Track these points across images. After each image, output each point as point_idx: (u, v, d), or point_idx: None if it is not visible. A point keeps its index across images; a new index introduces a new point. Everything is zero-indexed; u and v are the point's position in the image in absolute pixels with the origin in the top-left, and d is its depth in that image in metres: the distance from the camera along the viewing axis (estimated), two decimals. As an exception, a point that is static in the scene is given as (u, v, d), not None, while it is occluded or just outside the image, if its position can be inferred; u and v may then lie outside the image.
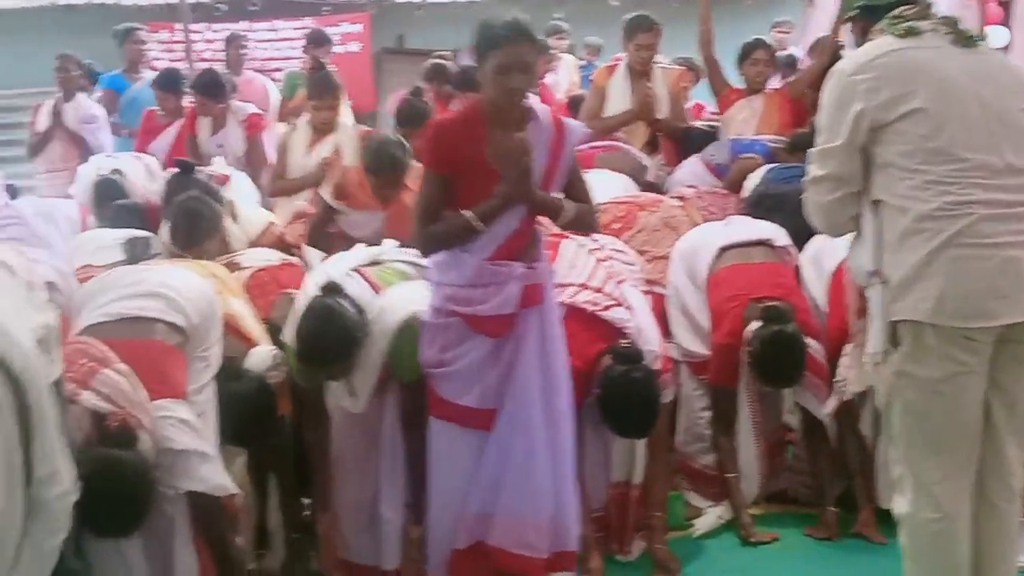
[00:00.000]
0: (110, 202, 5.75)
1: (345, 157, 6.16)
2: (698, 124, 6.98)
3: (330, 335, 3.67)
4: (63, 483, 2.79)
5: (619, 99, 6.76)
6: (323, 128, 6.35)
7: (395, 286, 3.93)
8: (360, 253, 4.19)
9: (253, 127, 7.13)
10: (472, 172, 3.53)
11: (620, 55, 6.91)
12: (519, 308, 3.61)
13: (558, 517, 3.71)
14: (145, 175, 6.32)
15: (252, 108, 7.30)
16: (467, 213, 3.54)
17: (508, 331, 3.63)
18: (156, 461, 3.29)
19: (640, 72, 6.72)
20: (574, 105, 7.36)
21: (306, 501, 4.27)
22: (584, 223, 3.84)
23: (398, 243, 4.30)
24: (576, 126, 3.76)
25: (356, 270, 3.97)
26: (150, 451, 3.26)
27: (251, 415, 3.78)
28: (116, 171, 6.13)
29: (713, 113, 7.26)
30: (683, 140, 6.74)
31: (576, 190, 3.75)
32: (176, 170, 5.52)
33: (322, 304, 3.71)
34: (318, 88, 6.37)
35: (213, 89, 6.96)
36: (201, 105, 6.98)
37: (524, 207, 3.59)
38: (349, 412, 3.92)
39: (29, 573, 2.74)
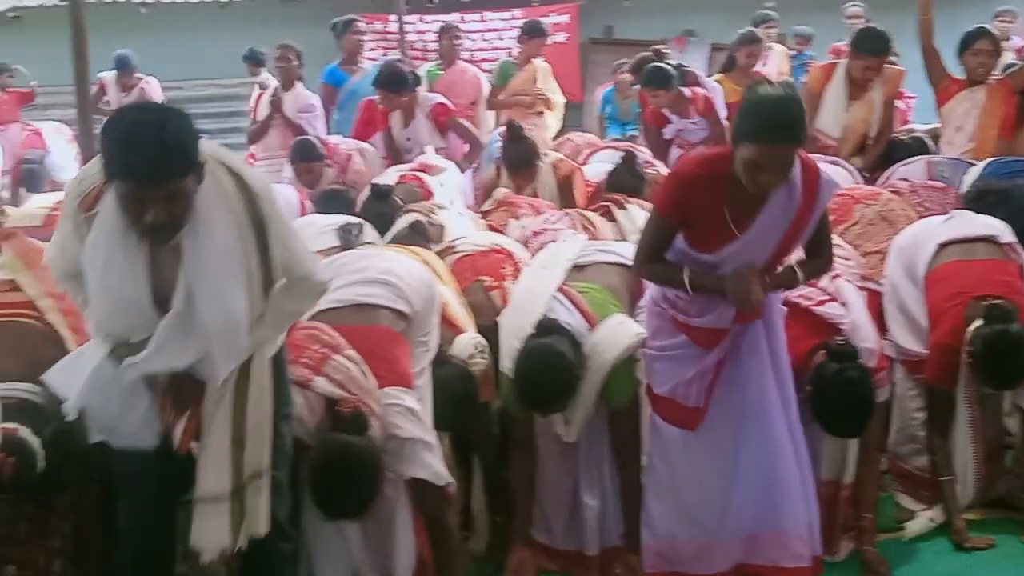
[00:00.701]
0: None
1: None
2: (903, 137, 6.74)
3: (551, 380, 3.68)
4: (309, 271, 3.11)
5: (834, 110, 6.56)
6: None
7: (608, 320, 3.90)
8: (567, 250, 4.20)
9: (439, 116, 7.26)
10: (707, 219, 3.50)
11: (838, 45, 6.73)
12: (733, 324, 3.61)
13: (812, 522, 3.74)
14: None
15: (438, 98, 7.44)
16: (685, 276, 3.54)
17: (718, 344, 3.63)
18: (383, 447, 3.40)
19: (861, 83, 6.48)
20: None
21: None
22: (814, 276, 3.82)
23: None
24: (830, 183, 3.60)
25: (563, 290, 3.97)
26: (379, 437, 3.38)
27: (455, 401, 3.85)
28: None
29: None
30: (889, 154, 6.47)
31: (817, 243, 3.67)
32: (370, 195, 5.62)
33: (541, 348, 3.71)
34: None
35: (394, 82, 7.08)
36: (385, 99, 7.13)
37: None
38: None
39: (268, 328, 3.04)
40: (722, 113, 7.28)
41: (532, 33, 8.98)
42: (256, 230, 2.92)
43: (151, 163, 2.66)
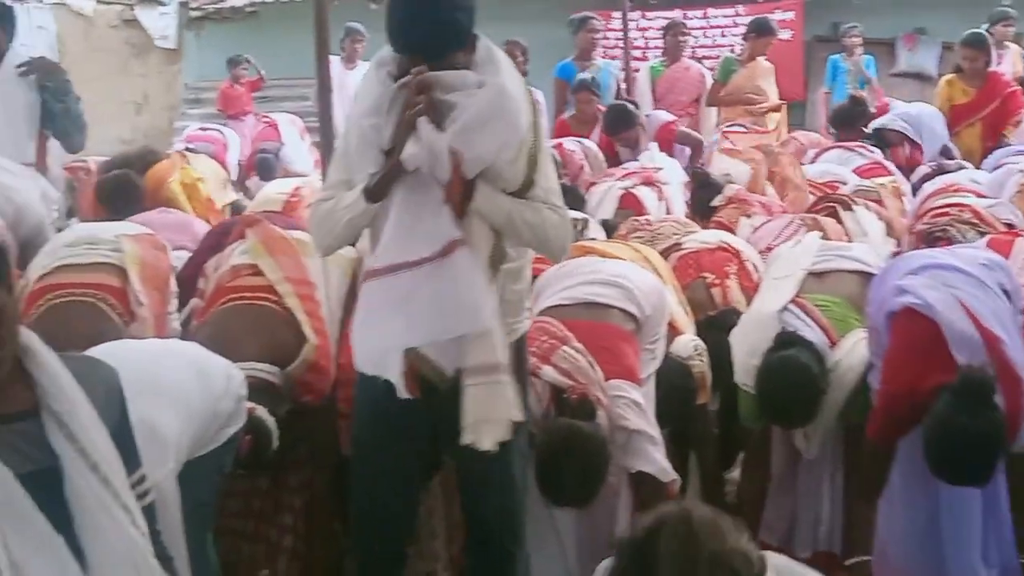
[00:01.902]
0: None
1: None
2: None
3: (796, 394, 3.61)
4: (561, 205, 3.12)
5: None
6: None
7: (850, 336, 3.76)
8: (802, 258, 4.08)
9: (666, 138, 7.28)
10: None
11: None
12: None
13: None
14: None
15: (661, 118, 7.43)
16: None
17: None
18: (610, 438, 3.40)
19: None
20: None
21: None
22: None
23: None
24: None
25: (799, 303, 3.84)
26: (606, 427, 3.38)
27: (674, 395, 3.85)
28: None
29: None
30: None
31: None
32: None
33: (785, 360, 3.63)
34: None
35: (620, 124, 7.26)
36: (616, 141, 7.30)
37: None
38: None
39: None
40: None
41: (761, 31, 8.81)
42: (535, 132, 3.01)
43: (427, 39, 2.89)
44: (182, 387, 2.84)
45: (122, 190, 5.46)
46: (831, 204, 5.32)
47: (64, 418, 1.86)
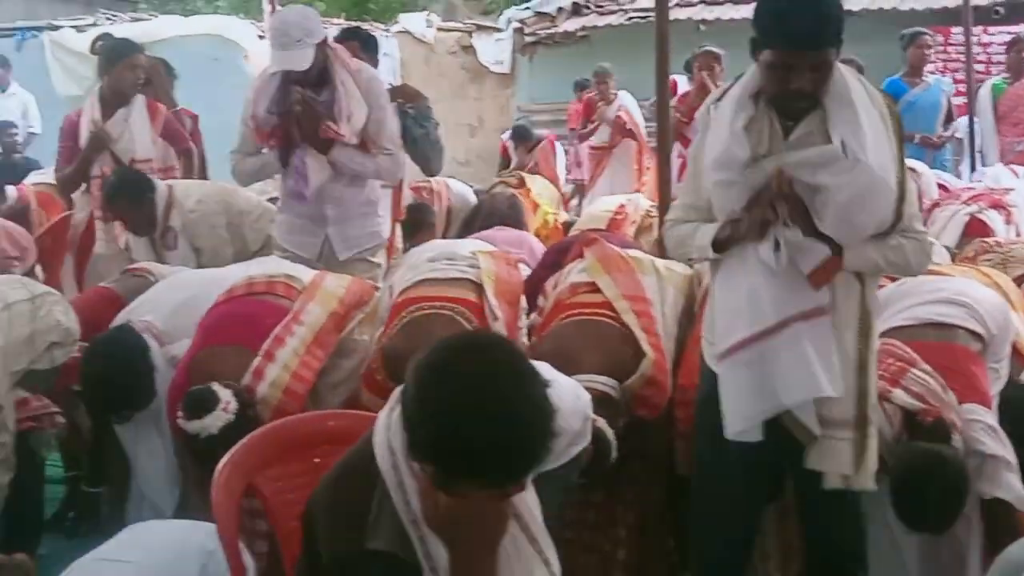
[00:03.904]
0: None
1: None
2: None
3: None
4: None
5: None
6: None
7: None
8: None
9: None
10: None
11: None
12: None
13: None
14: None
15: None
16: None
17: None
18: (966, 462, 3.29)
19: None
20: None
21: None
22: None
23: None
24: None
25: None
26: (961, 451, 3.27)
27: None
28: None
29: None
30: None
31: None
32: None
33: None
34: None
35: None
36: None
37: None
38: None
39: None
40: None
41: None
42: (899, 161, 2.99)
43: (807, 30, 2.89)
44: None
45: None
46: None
47: None
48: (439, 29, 14.97)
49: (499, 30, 14.71)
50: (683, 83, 9.35)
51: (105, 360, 3.90)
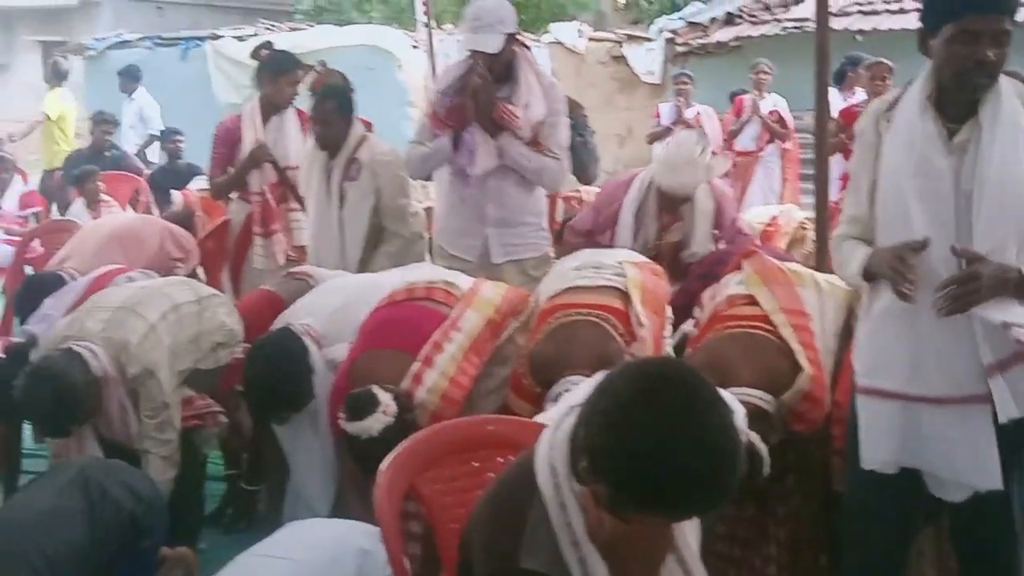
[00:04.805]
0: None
1: None
2: None
3: None
4: None
5: None
6: None
7: None
8: None
9: None
10: None
11: None
12: None
13: None
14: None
15: None
16: None
17: None
18: None
19: None
20: None
21: None
22: None
23: None
24: None
25: None
26: None
27: None
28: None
29: None
30: None
31: None
32: None
33: None
34: None
35: None
36: None
37: None
38: None
39: None
40: None
41: None
42: None
43: None
44: None
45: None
46: None
47: None
48: (590, 39, 15.00)
49: (650, 40, 14.67)
50: (833, 95, 9.18)
51: (267, 362, 4.02)
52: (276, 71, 5.92)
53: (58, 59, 11.86)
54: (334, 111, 5.40)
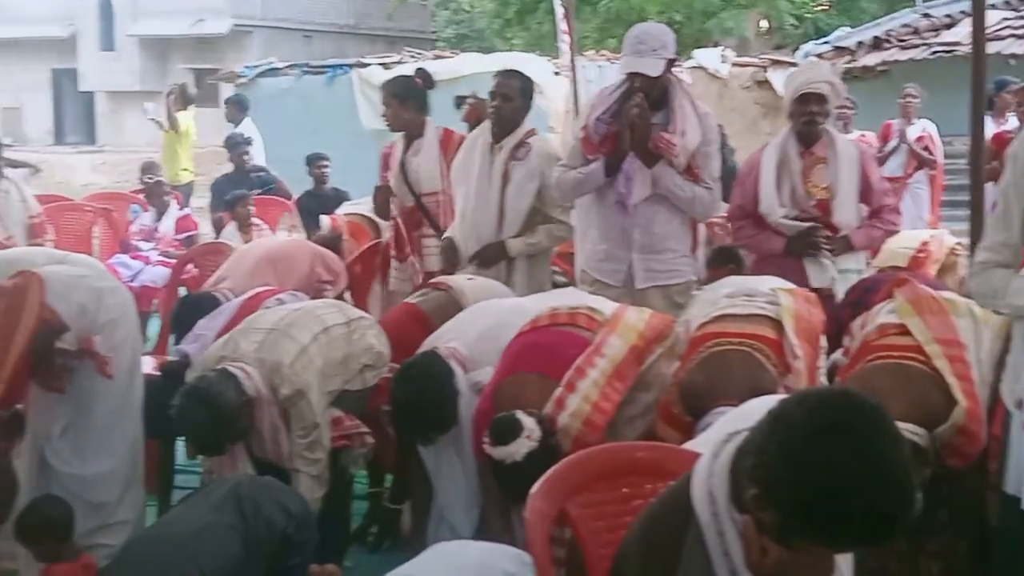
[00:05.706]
0: None
1: None
2: None
3: None
4: None
5: None
6: None
7: None
8: None
9: None
10: None
11: None
12: None
13: None
14: None
15: None
16: None
17: None
18: None
19: None
20: None
21: None
22: None
23: None
24: None
25: None
26: None
27: None
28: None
29: None
30: None
31: None
32: None
33: None
34: None
35: None
36: None
37: None
38: None
39: None
40: None
41: None
42: None
43: None
44: None
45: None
46: None
47: None
48: (734, 64, 14.89)
49: (795, 64, 14.48)
50: (986, 121, 8.95)
51: (413, 385, 4.07)
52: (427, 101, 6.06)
53: (185, 84, 12.47)
54: (517, 89, 5.56)
